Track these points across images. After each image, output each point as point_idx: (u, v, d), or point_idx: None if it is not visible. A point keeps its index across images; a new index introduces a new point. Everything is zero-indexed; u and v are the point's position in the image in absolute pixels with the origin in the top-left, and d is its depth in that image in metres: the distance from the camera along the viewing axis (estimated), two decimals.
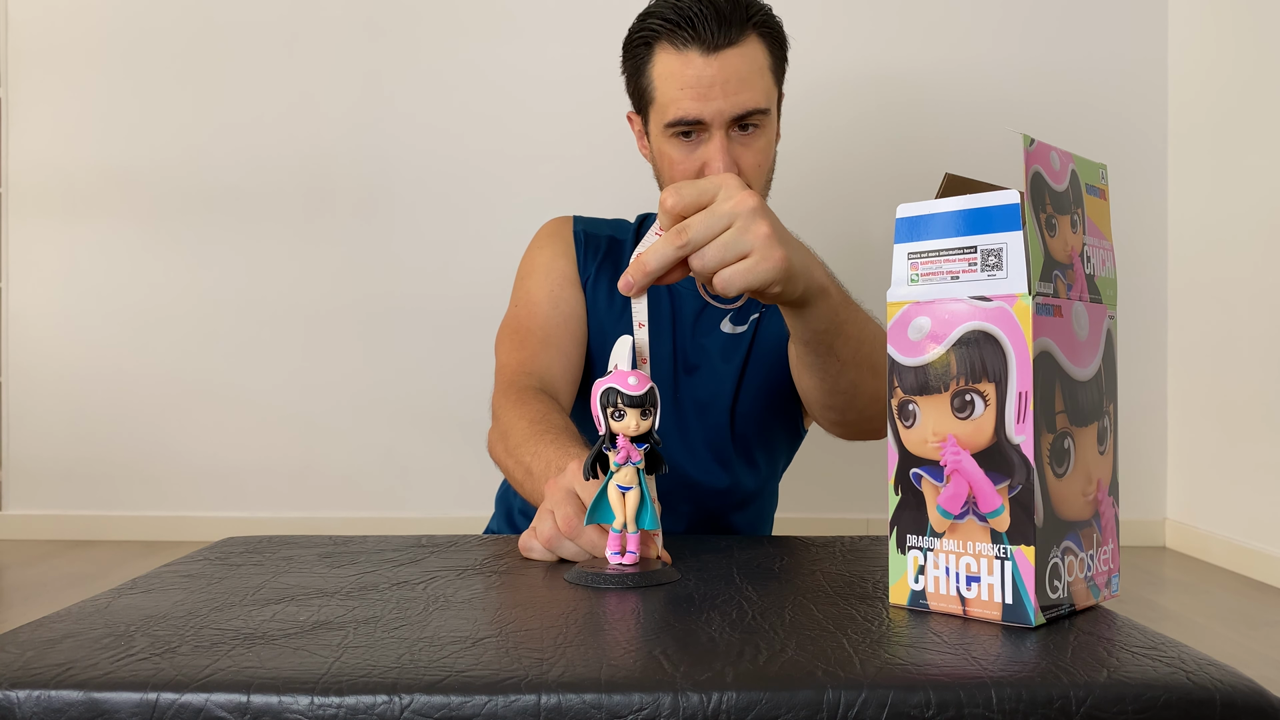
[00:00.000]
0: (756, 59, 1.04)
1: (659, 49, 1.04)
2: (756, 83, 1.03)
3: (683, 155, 1.06)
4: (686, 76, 1.01)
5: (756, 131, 1.06)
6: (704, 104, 1.01)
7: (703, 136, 1.04)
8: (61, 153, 2.83)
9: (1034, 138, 0.55)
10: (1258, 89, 2.35)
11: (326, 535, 0.83)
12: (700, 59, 1.01)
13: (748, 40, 1.02)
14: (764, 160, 1.08)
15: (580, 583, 0.65)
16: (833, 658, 0.48)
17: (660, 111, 1.06)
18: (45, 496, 2.85)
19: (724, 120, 1.02)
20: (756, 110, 1.03)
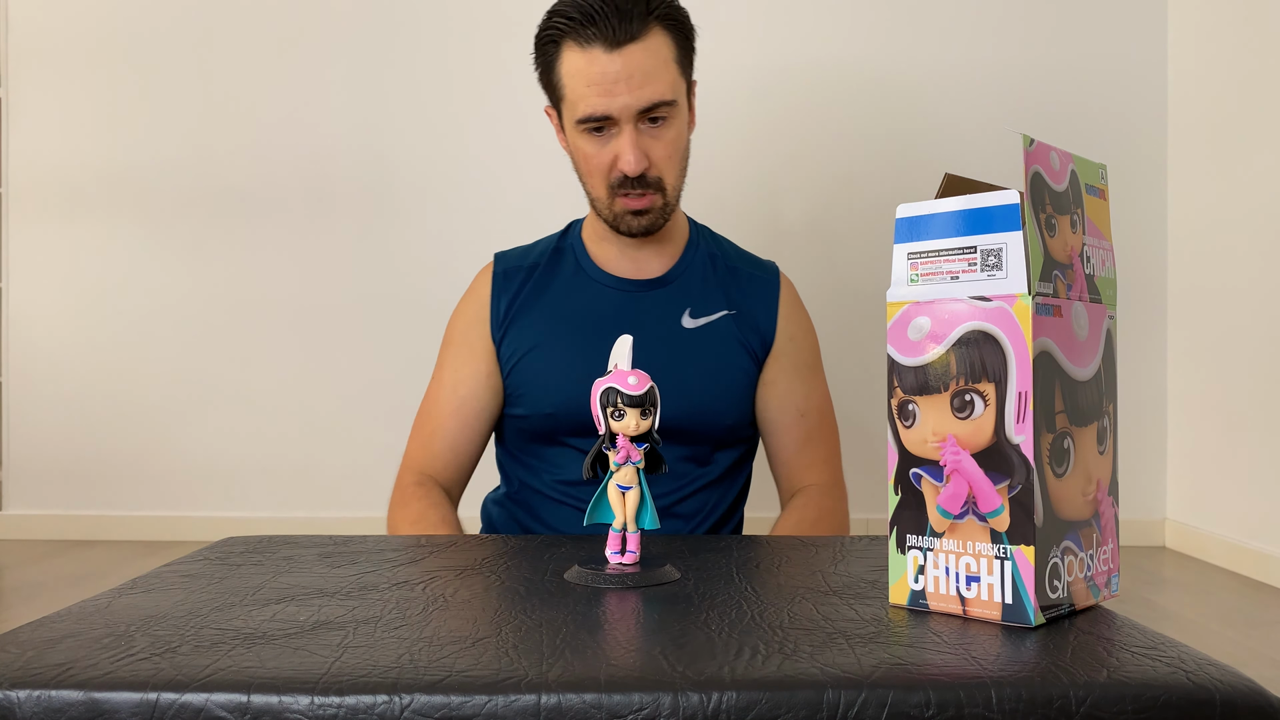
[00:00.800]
0: (660, 51, 1.06)
1: (565, 47, 1.06)
2: (661, 75, 1.06)
3: (595, 149, 1.09)
4: (592, 74, 1.04)
5: (665, 123, 1.09)
6: (610, 100, 1.04)
7: (613, 130, 1.07)
8: (61, 153, 2.83)
9: (1034, 138, 0.55)
10: (1257, 89, 2.35)
11: (326, 535, 0.83)
12: (604, 55, 1.03)
13: (651, 33, 1.05)
14: (675, 150, 1.11)
15: (580, 582, 0.65)
16: (833, 658, 0.48)
17: (570, 108, 1.08)
18: (45, 496, 2.85)
19: (631, 114, 1.05)
20: (662, 103, 1.06)
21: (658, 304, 1.17)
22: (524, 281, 1.21)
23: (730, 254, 1.25)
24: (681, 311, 1.17)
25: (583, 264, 1.21)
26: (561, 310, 1.18)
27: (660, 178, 1.10)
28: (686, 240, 1.23)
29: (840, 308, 2.74)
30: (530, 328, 1.19)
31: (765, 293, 1.21)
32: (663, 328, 1.16)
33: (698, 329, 1.17)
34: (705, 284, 1.19)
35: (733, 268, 1.22)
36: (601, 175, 1.10)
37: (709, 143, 2.76)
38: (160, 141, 2.81)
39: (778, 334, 1.20)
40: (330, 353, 2.77)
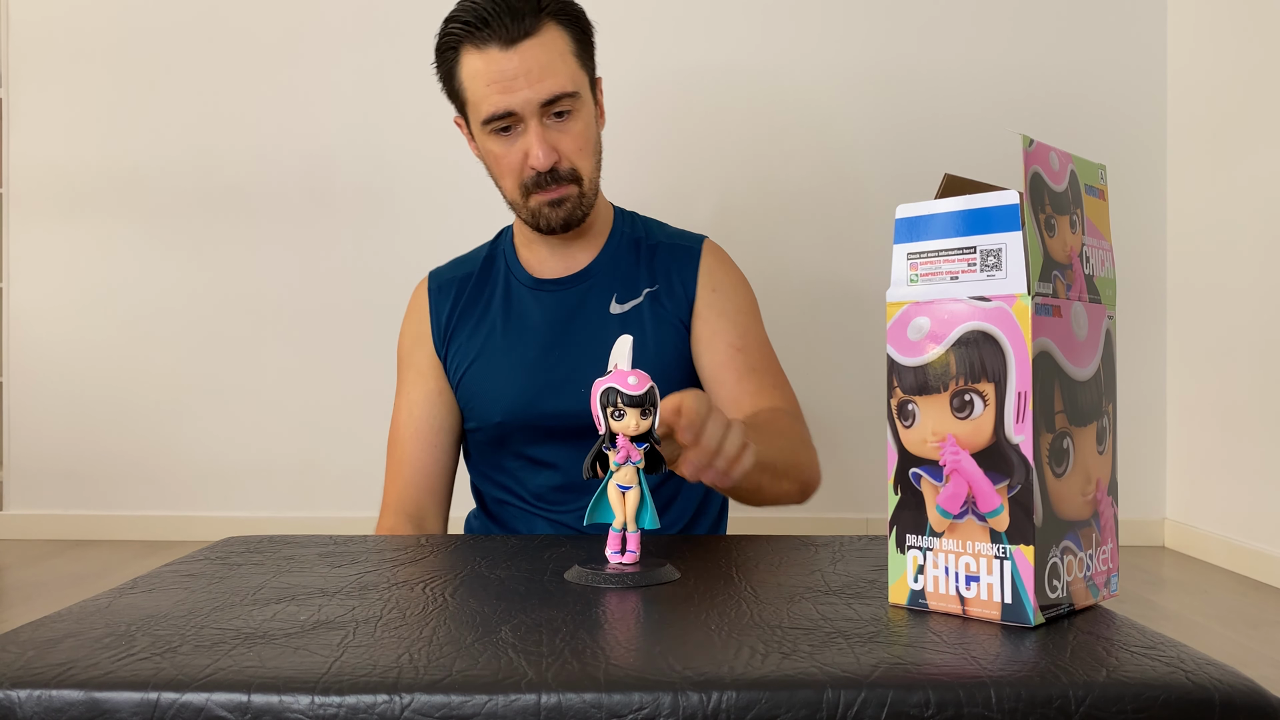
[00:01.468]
0: (556, 45, 1.07)
1: (463, 52, 1.08)
2: (560, 68, 1.07)
3: (504, 149, 1.10)
4: (490, 73, 1.06)
5: (571, 116, 1.09)
6: (511, 96, 1.05)
7: (519, 128, 1.08)
8: (62, 153, 2.83)
9: (1033, 138, 0.55)
10: (1256, 89, 2.35)
11: (327, 535, 0.84)
12: (500, 54, 1.05)
13: (545, 29, 1.06)
14: (584, 143, 1.12)
15: (581, 581, 0.65)
16: (832, 657, 0.48)
17: (475, 110, 1.10)
18: (45, 496, 2.85)
19: (534, 108, 1.06)
20: (564, 94, 1.07)
21: (586, 296, 1.18)
22: (459, 293, 1.22)
23: (655, 233, 1.24)
24: (609, 299, 1.18)
25: (513, 270, 1.21)
26: (497, 319, 1.19)
27: (573, 168, 1.11)
28: (610, 229, 1.23)
29: (840, 308, 2.74)
30: (470, 339, 1.19)
31: (685, 261, 1.20)
32: (593, 318, 1.17)
33: (625, 313, 1.17)
34: (629, 267, 1.19)
35: (654, 245, 1.22)
36: (514, 175, 1.11)
37: (709, 142, 2.76)
38: (161, 142, 2.81)
39: (698, 291, 1.18)
40: (331, 353, 2.77)
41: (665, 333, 1.16)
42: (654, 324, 1.16)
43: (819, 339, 2.75)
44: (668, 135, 2.76)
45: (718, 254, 1.23)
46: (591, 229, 1.20)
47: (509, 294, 1.21)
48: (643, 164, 2.75)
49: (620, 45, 2.78)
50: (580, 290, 1.18)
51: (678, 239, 1.23)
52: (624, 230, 1.23)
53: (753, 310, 1.21)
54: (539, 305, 1.18)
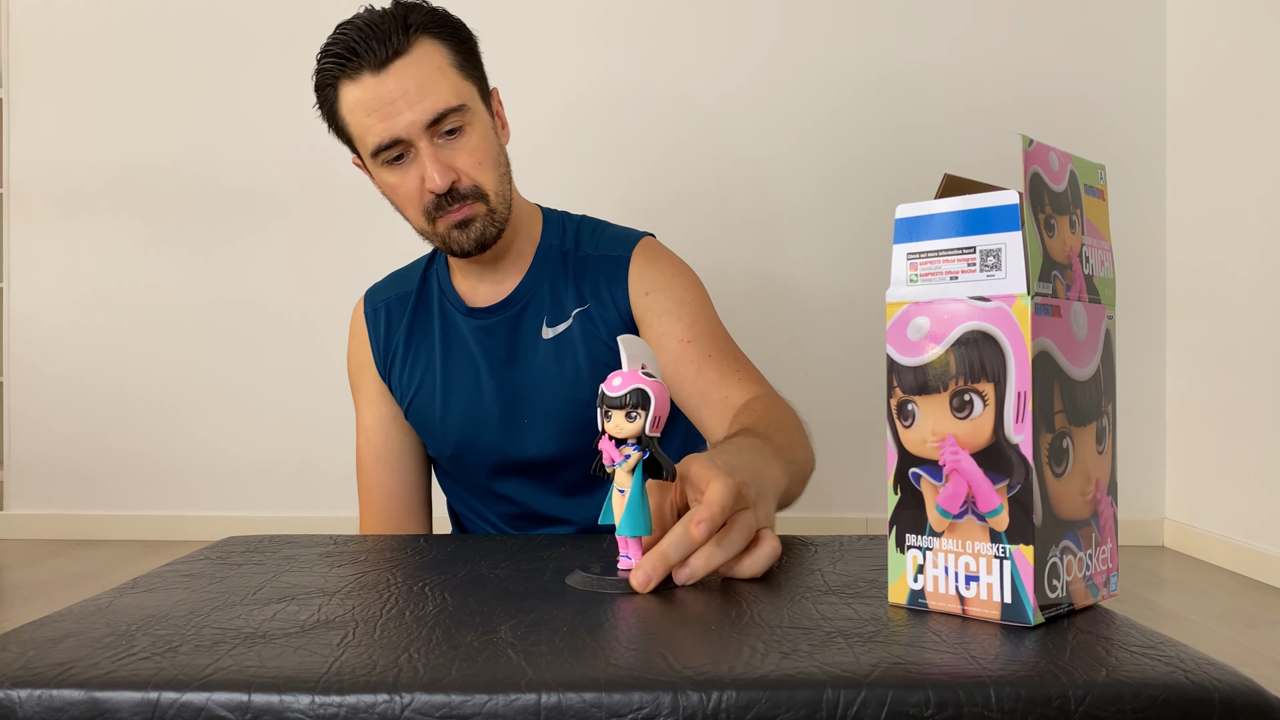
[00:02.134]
0: (432, 60, 1.02)
1: (340, 88, 1.03)
2: (439, 83, 1.01)
3: (400, 179, 1.05)
4: (368, 101, 1.01)
5: (463, 132, 1.04)
6: (393, 121, 1.00)
7: (410, 154, 1.03)
8: (62, 153, 2.84)
9: (1033, 138, 0.55)
10: (1255, 90, 2.35)
11: (327, 535, 0.84)
12: (373, 79, 1.00)
13: (416, 46, 1.01)
14: (482, 157, 1.05)
15: (582, 587, 0.64)
16: (832, 657, 0.48)
17: (362, 145, 1.05)
18: (46, 496, 2.85)
19: (420, 130, 1.01)
20: (449, 110, 1.01)
21: (518, 323, 1.13)
22: (397, 316, 1.19)
23: (586, 243, 1.16)
24: (541, 323, 1.13)
25: (448, 296, 1.17)
26: (437, 348, 1.16)
27: (475, 185, 1.05)
28: (537, 244, 1.16)
29: (840, 308, 2.74)
30: (412, 368, 1.16)
31: (614, 273, 1.12)
32: (527, 346, 1.12)
33: (556, 337, 1.12)
34: (557, 287, 1.13)
35: (583, 258, 1.14)
36: (414, 203, 1.05)
37: (709, 142, 2.76)
38: (161, 142, 2.81)
39: (632, 301, 1.11)
40: (331, 353, 2.77)
41: (599, 353, 1.11)
42: (585, 346, 1.11)
43: (819, 339, 2.75)
44: (668, 135, 2.77)
45: (649, 255, 1.15)
46: (513, 247, 1.14)
47: (446, 321, 1.16)
48: (642, 164, 2.75)
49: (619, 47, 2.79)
50: (511, 317, 1.13)
51: (609, 248, 1.15)
52: (552, 243, 1.16)
53: (697, 299, 1.13)
54: (474, 335, 1.14)
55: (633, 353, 0.65)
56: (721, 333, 1.12)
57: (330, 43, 1.02)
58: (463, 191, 1.04)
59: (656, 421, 0.64)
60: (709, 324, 1.11)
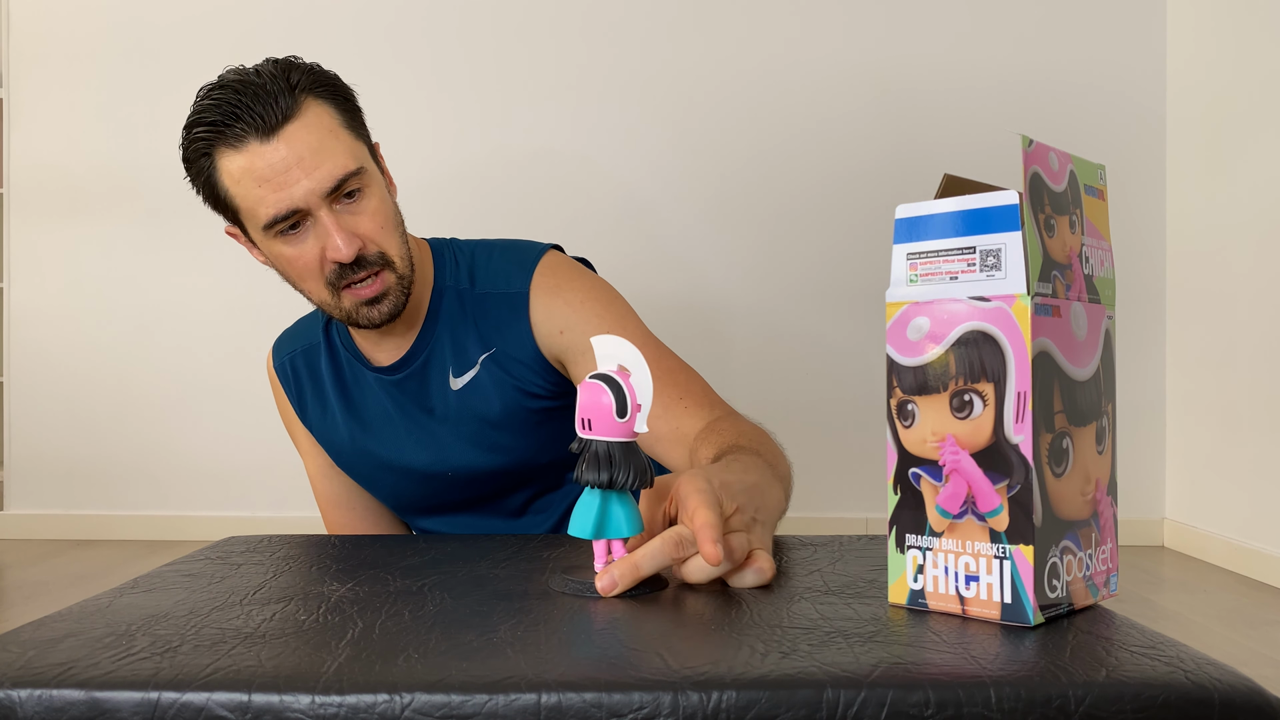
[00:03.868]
0: (323, 122, 0.94)
1: (219, 155, 0.93)
2: (334, 147, 0.94)
3: (298, 250, 0.96)
4: (258, 170, 0.92)
5: (361, 195, 0.97)
6: (289, 190, 0.92)
7: (307, 223, 0.95)
8: (63, 153, 2.84)
9: (1033, 138, 0.55)
10: (1255, 90, 2.35)
11: (327, 535, 0.84)
12: (263, 147, 0.91)
13: (304, 108, 0.93)
14: (383, 220, 0.98)
15: (567, 591, 0.63)
16: (832, 657, 0.48)
17: (251, 217, 0.96)
18: (46, 496, 2.85)
19: (319, 198, 0.93)
20: (347, 175, 0.94)
21: (425, 376, 1.07)
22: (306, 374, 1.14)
23: (480, 279, 1.08)
24: (446, 374, 1.07)
25: (353, 354, 1.11)
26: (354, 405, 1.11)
27: (381, 252, 0.97)
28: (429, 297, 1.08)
29: (840, 308, 2.74)
30: (332, 423, 1.13)
31: (514, 314, 1.05)
32: (437, 399, 1.07)
33: (465, 386, 1.06)
34: (458, 334, 1.07)
35: (481, 297, 1.07)
36: (315, 275, 0.97)
37: (709, 142, 2.76)
38: (161, 142, 2.81)
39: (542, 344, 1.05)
40: None
41: (513, 396, 1.05)
42: (498, 391, 1.05)
43: (819, 339, 2.75)
44: (668, 135, 2.77)
45: (549, 284, 1.06)
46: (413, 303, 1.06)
47: (357, 378, 1.11)
48: (642, 164, 2.75)
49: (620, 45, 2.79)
50: (415, 370, 1.07)
51: (505, 284, 1.07)
52: (446, 284, 1.08)
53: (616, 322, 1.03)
54: (385, 392, 1.09)
55: (603, 353, 0.65)
56: (653, 345, 1.03)
57: (203, 109, 0.93)
58: (369, 259, 0.97)
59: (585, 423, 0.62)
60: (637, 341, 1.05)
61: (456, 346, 1.06)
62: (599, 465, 0.61)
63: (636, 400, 0.62)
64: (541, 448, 1.08)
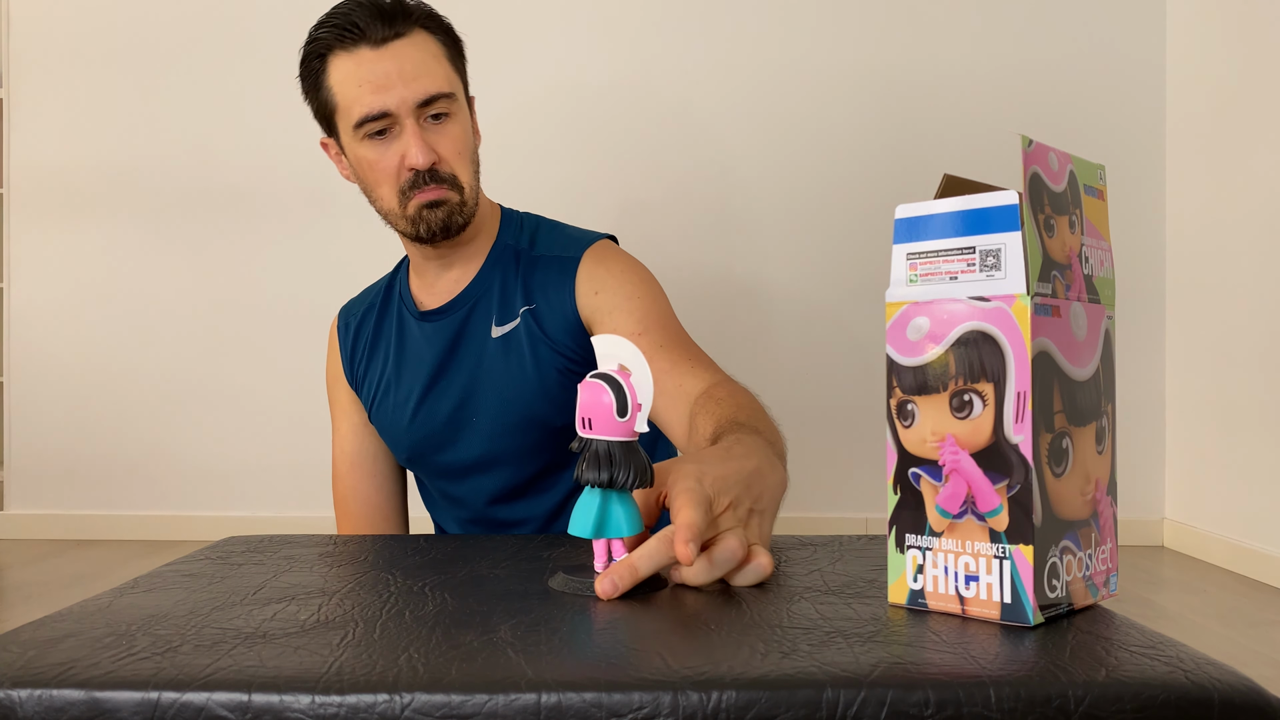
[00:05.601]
0: (429, 47, 1.05)
1: (331, 59, 1.05)
2: (434, 68, 1.05)
3: (379, 154, 1.05)
4: (362, 73, 1.03)
5: (448, 119, 1.06)
6: (386, 94, 1.02)
7: (394, 131, 1.04)
8: (63, 153, 2.83)
9: (1032, 139, 0.55)
10: (1255, 89, 2.35)
11: (327, 535, 0.84)
12: (372, 53, 1.03)
13: (414, 33, 1.04)
14: (463, 148, 1.08)
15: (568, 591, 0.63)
16: (832, 657, 0.48)
17: (346, 115, 1.05)
18: (46, 496, 2.85)
19: (410, 108, 1.03)
20: (440, 94, 1.04)
21: (467, 322, 1.13)
22: (360, 327, 1.21)
23: (540, 243, 1.16)
24: (489, 322, 1.13)
25: (405, 302, 1.19)
26: (392, 355, 1.17)
27: (453, 174, 1.07)
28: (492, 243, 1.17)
29: (840, 308, 2.74)
30: (374, 373, 1.19)
31: (562, 274, 1.12)
32: (474, 345, 1.13)
33: (504, 336, 1.12)
34: (506, 285, 1.13)
35: (535, 259, 1.14)
36: (390, 180, 1.06)
37: (709, 141, 2.76)
38: (161, 142, 2.81)
39: (579, 302, 1.10)
40: None
41: (544, 354, 1.10)
42: (531, 346, 1.10)
43: (819, 339, 2.75)
44: (668, 134, 2.77)
45: (599, 256, 1.13)
46: (473, 244, 1.15)
47: (401, 326, 1.18)
48: (641, 165, 2.75)
49: (621, 43, 2.79)
50: (461, 316, 1.14)
51: (561, 249, 1.15)
52: (506, 242, 1.16)
53: (648, 294, 1.11)
54: (424, 337, 1.15)
55: (604, 352, 0.65)
56: (674, 325, 1.10)
57: (330, 15, 1.04)
58: (441, 175, 1.06)
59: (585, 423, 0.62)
60: (660, 317, 1.09)
61: (504, 297, 1.13)
62: (599, 464, 0.61)
63: (637, 400, 0.62)
64: (559, 411, 1.12)
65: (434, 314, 1.15)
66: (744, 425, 0.83)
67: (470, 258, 1.15)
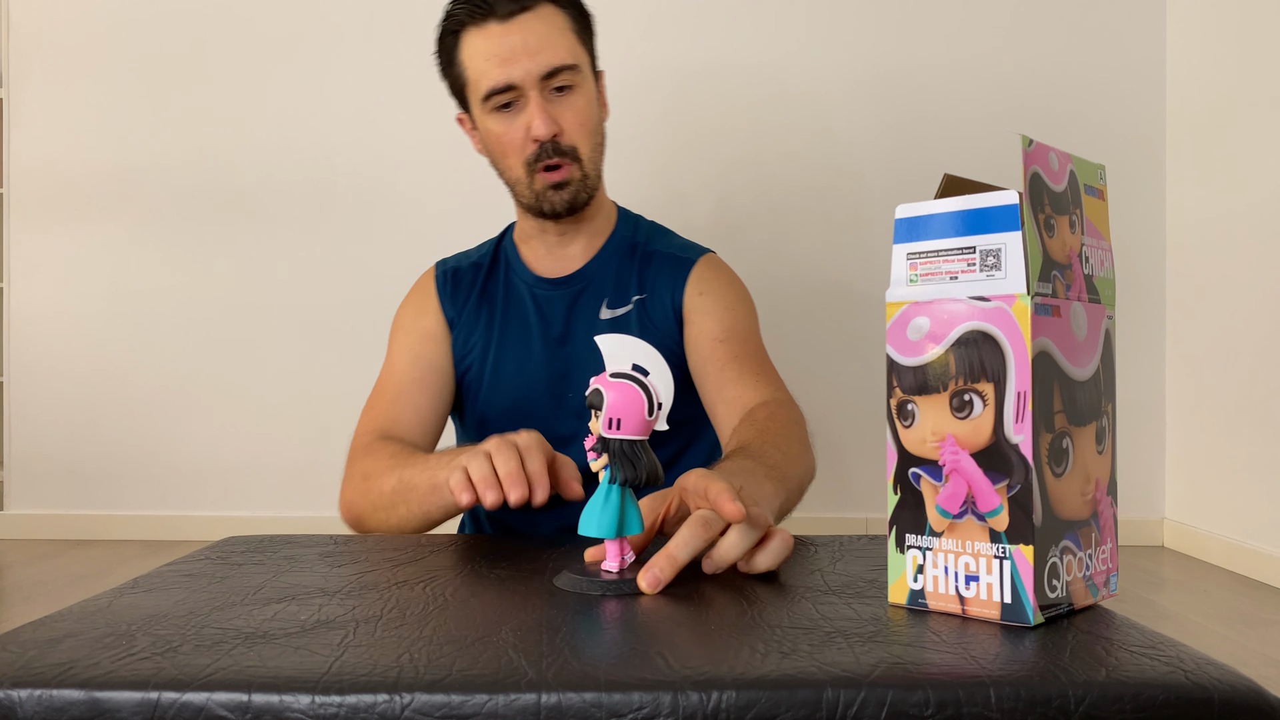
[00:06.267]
0: (555, 21, 1.08)
1: (463, 35, 1.09)
2: (559, 41, 1.08)
3: (505, 126, 1.09)
4: (489, 48, 1.07)
5: (572, 92, 1.09)
6: (510, 67, 1.06)
7: (520, 103, 1.08)
8: (63, 153, 2.83)
9: (1033, 138, 0.55)
10: (1255, 89, 2.35)
11: (327, 535, 0.84)
12: (499, 27, 1.06)
13: (541, 6, 1.08)
14: (586, 120, 1.11)
15: (571, 589, 0.63)
16: (832, 657, 0.48)
17: (475, 89, 1.10)
18: (46, 496, 2.85)
19: (534, 80, 1.06)
20: (564, 66, 1.07)
21: (579, 299, 1.17)
22: (467, 283, 1.21)
23: (654, 241, 1.21)
24: (600, 303, 1.16)
25: (514, 266, 1.21)
26: (498, 313, 1.18)
27: (575, 146, 1.10)
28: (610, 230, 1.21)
29: (840, 308, 2.74)
30: (473, 333, 1.19)
31: (676, 272, 1.17)
32: (583, 323, 1.16)
33: (613, 320, 1.15)
34: (621, 273, 1.17)
35: (650, 252, 1.19)
36: (516, 152, 1.10)
37: (709, 141, 2.76)
38: (161, 142, 2.81)
39: (685, 299, 1.15)
40: (331, 353, 2.77)
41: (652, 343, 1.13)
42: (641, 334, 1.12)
43: (819, 339, 2.75)
44: (667, 133, 2.77)
45: (712, 263, 1.20)
46: (591, 226, 1.19)
47: (510, 288, 1.20)
48: (642, 162, 2.75)
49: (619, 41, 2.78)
50: (573, 292, 1.17)
51: (678, 250, 1.20)
52: (624, 233, 1.21)
53: (742, 310, 1.18)
54: (534, 304, 1.18)
55: (610, 352, 0.65)
56: (754, 341, 1.16)
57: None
58: (564, 148, 1.09)
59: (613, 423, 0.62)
60: (744, 331, 1.15)
61: (619, 282, 1.17)
62: (632, 463, 0.62)
63: (659, 399, 0.63)
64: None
65: (549, 283, 1.18)
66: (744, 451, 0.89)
67: (586, 239, 1.19)
